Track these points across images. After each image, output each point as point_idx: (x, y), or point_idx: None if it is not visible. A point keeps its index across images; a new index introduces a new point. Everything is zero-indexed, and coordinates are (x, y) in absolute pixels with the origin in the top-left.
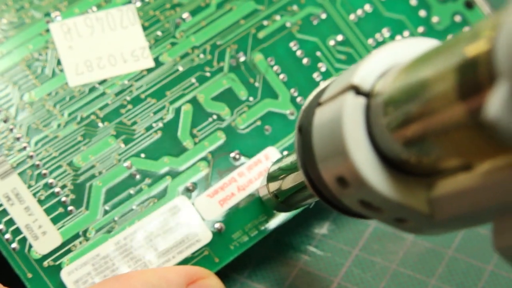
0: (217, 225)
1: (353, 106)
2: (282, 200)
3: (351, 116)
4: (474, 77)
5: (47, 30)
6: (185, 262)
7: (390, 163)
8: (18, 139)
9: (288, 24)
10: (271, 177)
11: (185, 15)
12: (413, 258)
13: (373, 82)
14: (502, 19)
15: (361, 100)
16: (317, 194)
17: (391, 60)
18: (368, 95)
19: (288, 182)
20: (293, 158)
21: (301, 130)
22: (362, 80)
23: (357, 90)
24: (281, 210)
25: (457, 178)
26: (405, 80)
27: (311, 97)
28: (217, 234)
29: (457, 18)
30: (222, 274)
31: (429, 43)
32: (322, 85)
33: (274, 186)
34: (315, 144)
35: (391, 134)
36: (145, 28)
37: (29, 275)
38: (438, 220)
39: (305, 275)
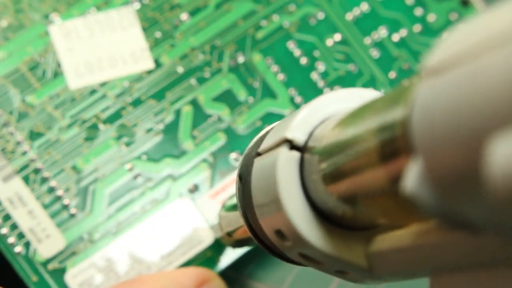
0: None
1: (287, 161)
2: (234, 239)
3: (284, 170)
4: (393, 144)
5: (47, 33)
6: (188, 263)
7: (326, 217)
8: (20, 142)
9: (286, 24)
10: (224, 214)
11: (184, 16)
12: None
13: (306, 136)
14: (416, 91)
15: (294, 154)
16: (259, 242)
17: (325, 113)
18: (302, 148)
19: (239, 219)
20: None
21: (241, 178)
22: (295, 134)
23: (291, 144)
24: (236, 247)
25: (393, 235)
26: (336, 136)
27: (251, 144)
28: (218, 239)
29: (453, 16)
30: (222, 274)
31: (363, 95)
32: (263, 131)
33: (226, 223)
34: (254, 195)
35: (325, 188)
36: (144, 29)
37: (34, 279)
38: (377, 274)
39: (305, 274)
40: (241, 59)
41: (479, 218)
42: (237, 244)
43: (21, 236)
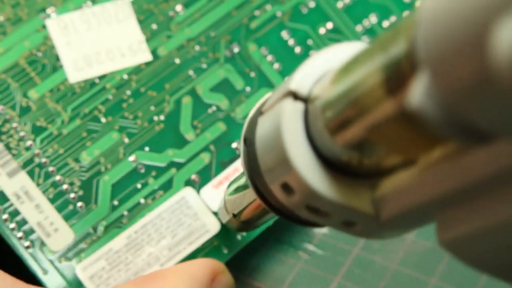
0: None
1: (292, 112)
2: (241, 220)
3: (290, 121)
4: (398, 70)
5: (44, 26)
6: (195, 253)
7: (332, 166)
8: (23, 137)
9: (278, 14)
10: (229, 197)
11: (179, 8)
12: (414, 257)
13: (310, 87)
14: (420, 8)
15: (299, 105)
16: (266, 204)
17: (327, 64)
18: (306, 100)
19: (243, 199)
20: (244, 181)
21: (246, 141)
22: (299, 86)
23: (295, 96)
24: (243, 230)
25: (398, 176)
26: (339, 82)
27: (254, 108)
28: (224, 224)
29: None
30: None
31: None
32: (266, 96)
33: (231, 206)
34: (259, 153)
35: (330, 137)
36: (140, 22)
37: (45, 273)
38: (384, 220)
39: (305, 274)
40: (236, 49)
41: (489, 119)
42: (244, 226)
43: (29, 230)
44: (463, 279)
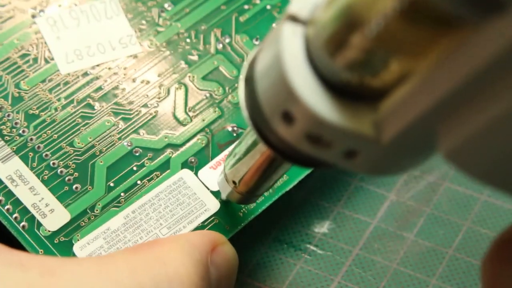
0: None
1: (291, 34)
2: (242, 190)
3: (289, 44)
4: None
5: (34, 23)
6: (196, 230)
7: (333, 88)
8: (16, 124)
9: (268, 7)
10: (228, 173)
11: (166, 4)
12: (414, 257)
13: (309, 9)
14: None
15: (299, 28)
16: (267, 143)
17: None
18: (305, 23)
19: (243, 165)
20: (244, 146)
21: (247, 81)
22: (298, 8)
23: (295, 19)
24: (244, 202)
25: (399, 91)
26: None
27: (254, 51)
28: (224, 202)
29: None
30: None
31: None
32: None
33: (231, 174)
34: (258, 84)
35: (331, 58)
36: (129, 18)
37: (40, 252)
38: (385, 142)
39: (306, 274)
40: (227, 40)
41: None
42: (245, 197)
43: (24, 211)
44: (463, 279)
